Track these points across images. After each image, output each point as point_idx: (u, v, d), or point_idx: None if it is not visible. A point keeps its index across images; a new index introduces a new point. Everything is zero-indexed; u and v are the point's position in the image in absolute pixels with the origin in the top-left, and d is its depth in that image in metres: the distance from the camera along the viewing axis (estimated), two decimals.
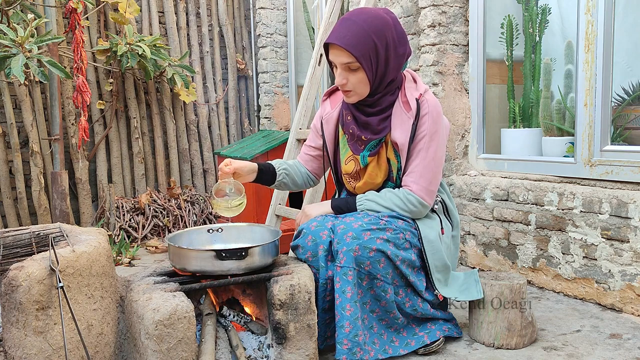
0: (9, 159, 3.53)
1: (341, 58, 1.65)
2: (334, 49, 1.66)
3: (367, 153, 1.76)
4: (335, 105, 1.88)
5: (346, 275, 1.61)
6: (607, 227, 2.05)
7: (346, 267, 1.61)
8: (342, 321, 1.59)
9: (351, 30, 1.62)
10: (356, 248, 1.60)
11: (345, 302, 1.60)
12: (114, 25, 3.83)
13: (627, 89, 2.54)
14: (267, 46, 4.32)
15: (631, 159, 2.05)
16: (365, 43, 1.62)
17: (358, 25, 1.62)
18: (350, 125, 1.79)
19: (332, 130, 1.88)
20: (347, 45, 1.61)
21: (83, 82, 2.92)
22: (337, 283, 1.62)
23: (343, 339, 1.58)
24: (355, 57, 1.62)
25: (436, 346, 1.72)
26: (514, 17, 2.70)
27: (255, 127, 4.55)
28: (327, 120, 1.88)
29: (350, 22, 1.63)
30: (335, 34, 1.64)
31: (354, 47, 1.61)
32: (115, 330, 1.56)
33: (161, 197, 3.87)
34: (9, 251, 1.64)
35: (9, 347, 1.38)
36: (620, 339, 1.80)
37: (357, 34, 1.61)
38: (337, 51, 1.65)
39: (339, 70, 1.67)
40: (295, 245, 1.77)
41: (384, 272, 1.64)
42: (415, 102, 1.70)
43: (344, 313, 1.59)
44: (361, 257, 1.61)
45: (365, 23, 1.63)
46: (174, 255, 1.62)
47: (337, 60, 1.66)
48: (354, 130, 1.77)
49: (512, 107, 2.73)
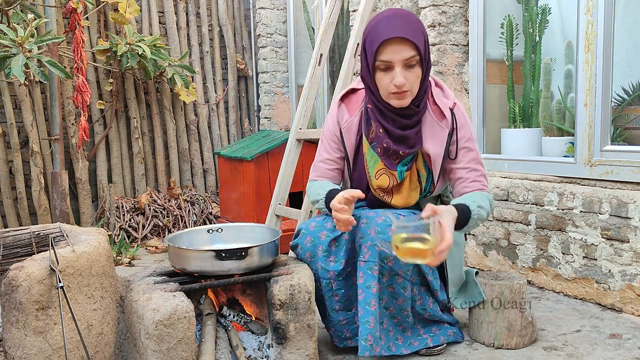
0: (9, 159, 3.53)
1: (404, 52, 1.53)
2: (393, 44, 1.52)
3: (404, 168, 1.67)
4: (354, 112, 1.75)
5: (371, 270, 1.58)
6: (607, 227, 2.05)
7: (371, 261, 1.58)
8: (367, 316, 1.57)
9: (408, 23, 1.54)
10: (380, 243, 1.58)
11: (371, 297, 1.57)
12: (114, 25, 3.83)
13: (627, 89, 2.54)
14: (267, 46, 4.32)
15: (631, 159, 2.05)
16: (421, 35, 1.56)
17: (408, 19, 1.55)
18: (383, 139, 1.66)
19: (353, 139, 1.74)
20: (412, 37, 1.52)
21: (83, 82, 2.92)
22: (360, 278, 1.59)
23: (367, 335, 1.56)
24: (419, 49, 1.53)
25: (438, 351, 1.72)
26: (514, 17, 2.70)
27: (255, 127, 4.55)
28: (347, 129, 1.74)
29: (402, 17, 1.55)
30: (394, 29, 1.52)
31: (417, 38, 1.53)
32: (115, 330, 1.56)
33: (161, 197, 3.87)
34: (9, 251, 1.64)
35: (9, 347, 1.38)
36: (620, 339, 1.80)
37: (414, 27, 1.54)
38: (399, 46, 1.52)
39: (398, 68, 1.54)
40: (294, 244, 1.76)
41: (405, 268, 1.62)
42: (450, 112, 1.65)
43: (368, 309, 1.57)
44: (385, 253, 1.58)
45: (412, 17, 1.58)
46: (174, 255, 1.62)
47: (399, 57, 1.53)
48: (389, 145, 1.65)
49: (512, 107, 2.73)
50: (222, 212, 3.65)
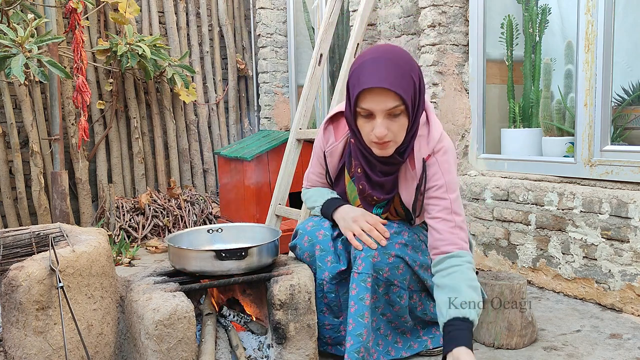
0: (9, 159, 3.53)
1: (386, 103, 1.40)
2: (374, 94, 1.40)
3: (379, 210, 1.66)
4: (340, 137, 1.68)
5: (364, 282, 1.55)
6: (607, 227, 2.05)
7: (364, 273, 1.55)
8: (359, 329, 1.53)
9: (392, 70, 1.40)
10: (375, 254, 1.55)
11: (364, 309, 1.54)
12: (114, 25, 3.83)
13: (627, 89, 2.54)
14: (267, 46, 4.32)
15: (631, 159, 2.05)
16: (408, 83, 1.42)
17: (395, 63, 1.41)
18: (360, 179, 1.63)
19: (335, 163, 1.71)
20: (395, 87, 1.38)
21: (83, 82, 2.92)
22: (354, 290, 1.57)
23: (360, 347, 1.52)
24: (403, 99, 1.40)
25: (438, 352, 1.72)
26: (514, 17, 2.70)
27: (255, 127, 4.55)
28: (330, 152, 1.69)
29: (387, 62, 1.41)
30: (376, 77, 1.39)
31: (401, 87, 1.39)
32: (115, 330, 1.56)
33: (161, 197, 3.87)
34: (9, 251, 1.64)
35: (9, 347, 1.38)
36: (620, 339, 1.80)
37: (399, 74, 1.41)
38: (380, 97, 1.40)
39: (380, 119, 1.42)
40: (293, 245, 1.76)
41: (401, 278, 1.60)
42: (422, 162, 1.53)
43: (361, 321, 1.54)
44: (380, 264, 1.56)
45: (401, 60, 1.43)
46: (174, 255, 1.62)
47: (380, 107, 1.41)
48: (364, 187, 1.62)
49: (512, 107, 2.73)
50: (222, 212, 3.65)
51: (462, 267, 1.46)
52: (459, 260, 1.47)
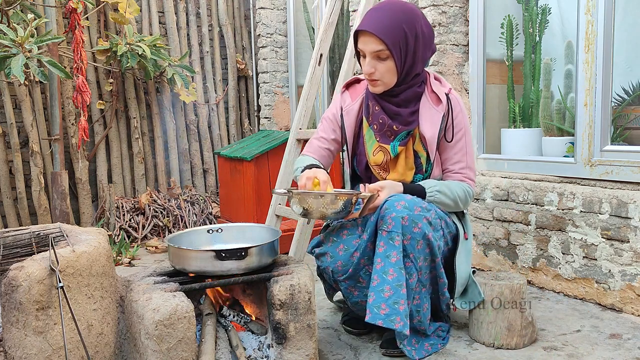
0: (9, 159, 3.53)
1: (371, 45, 1.64)
2: (364, 36, 1.66)
3: (397, 143, 1.75)
4: (355, 98, 1.86)
5: (393, 240, 1.57)
6: (607, 227, 2.05)
7: (394, 232, 1.57)
8: (381, 285, 1.54)
9: (383, 19, 1.63)
10: (405, 217, 1.57)
11: (389, 266, 1.56)
12: (114, 25, 3.83)
13: (627, 89, 2.54)
14: (267, 46, 4.32)
15: (631, 159, 2.05)
16: (396, 31, 1.62)
17: (389, 14, 1.63)
18: (379, 115, 1.77)
19: (352, 122, 1.85)
20: (378, 32, 1.61)
21: (83, 82, 2.92)
22: (381, 247, 1.58)
23: (381, 303, 1.53)
24: (386, 44, 1.62)
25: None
26: (514, 17, 2.70)
27: (255, 127, 4.55)
28: (347, 111, 1.85)
29: (382, 11, 1.64)
30: (367, 22, 1.64)
31: (385, 34, 1.61)
32: (115, 330, 1.56)
33: (161, 197, 3.87)
34: (9, 251, 1.64)
35: (9, 347, 1.38)
36: (620, 339, 1.80)
37: (388, 22, 1.62)
38: (368, 38, 1.64)
39: (368, 59, 1.67)
40: (322, 252, 1.76)
41: (417, 254, 1.60)
42: (446, 97, 1.73)
43: (385, 277, 1.55)
44: (407, 228, 1.58)
45: (397, 12, 1.64)
46: (174, 255, 1.62)
47: (367, 48, 1.66)
48: (384, 120, 1.76)
49: (512, 107, 2.73)
50: (222, 212, 3.65)
51: (457, 184, 1.76)
52: (458, 183, 1.77)
